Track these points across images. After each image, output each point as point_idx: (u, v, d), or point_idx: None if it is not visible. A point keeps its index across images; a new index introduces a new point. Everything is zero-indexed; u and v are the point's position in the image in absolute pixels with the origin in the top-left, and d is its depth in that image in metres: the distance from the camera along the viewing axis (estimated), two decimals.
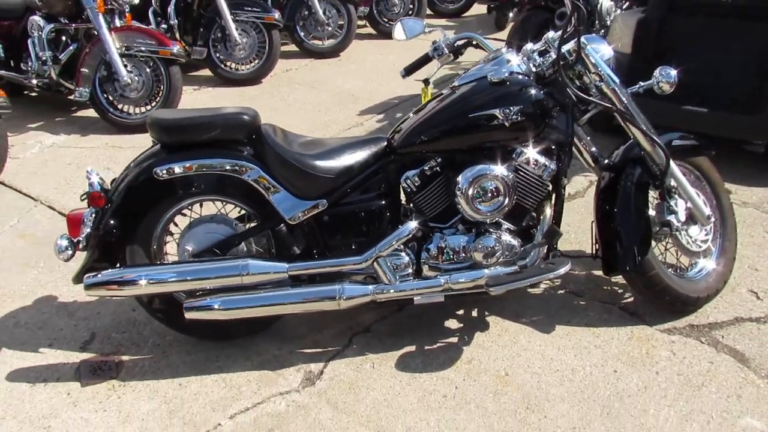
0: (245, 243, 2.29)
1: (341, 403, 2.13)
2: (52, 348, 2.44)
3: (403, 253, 2.25)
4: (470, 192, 2.17)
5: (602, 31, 4.46)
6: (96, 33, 4.39)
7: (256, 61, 5.58)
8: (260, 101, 5.20)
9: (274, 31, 5.53)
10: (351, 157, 2.23)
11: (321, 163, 2.18)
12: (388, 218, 2.27)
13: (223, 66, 5.59)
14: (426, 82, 2.57)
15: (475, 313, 2.54)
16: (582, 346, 2.35)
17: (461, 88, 2.25)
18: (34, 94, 5.14)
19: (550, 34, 2.33)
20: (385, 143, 2.29)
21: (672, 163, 2.33)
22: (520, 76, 2.21)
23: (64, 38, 4.66)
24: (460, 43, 2.51)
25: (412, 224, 2.23)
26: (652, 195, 2.47)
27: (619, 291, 2.64)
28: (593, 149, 2.46)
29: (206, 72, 5.77)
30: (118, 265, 2.25)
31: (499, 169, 2.19)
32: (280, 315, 2.34)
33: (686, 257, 2.51)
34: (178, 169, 2.14)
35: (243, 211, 2.36)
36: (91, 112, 4.77)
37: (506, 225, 2.30)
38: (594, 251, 2.45)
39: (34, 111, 5.02)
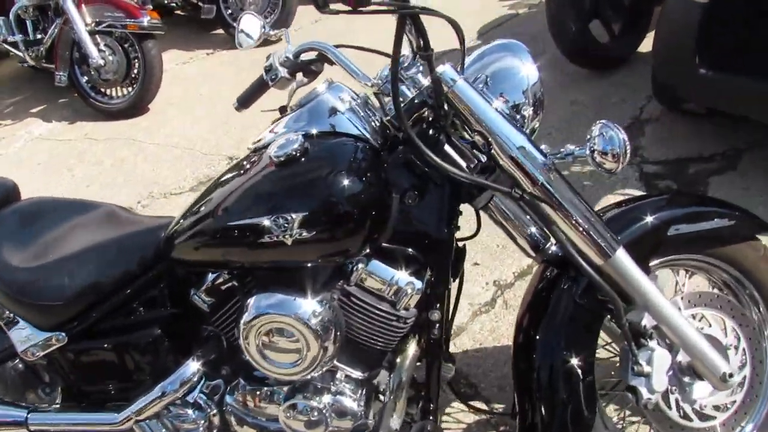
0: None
1: None
2: None
3: (189, 409, 1.49)
4: (253, 339, 1.32)
5: None
6: None
7: (272, 16, 4.76)
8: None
9: None
10: (100, 268, 1.46)
11: (45, 283, 1.45)
12: (166, 353, 1.50)
13: (234, 24, 4.84)
14: (283, 111, 1.66)
15: None
16: None
17: (241, 166, 1.35)
18: None
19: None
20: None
21: (647, 283, 1.26)
22: (333, 144, 1.25)
23: (50, 15, 4.24)
24: (306, 57, 1.54)
25: (192, 367, 1.45)
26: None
27: None
28: (532, 230, 1.42)
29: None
30: None
31: (306, 305, 1.29)
32: None
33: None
34: None
35: None
36: None
37: (346, 371, 1.42)
38: (514, 406, 1.49)
39: (47, 91, 4.74)
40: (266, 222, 1.20)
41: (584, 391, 1.34)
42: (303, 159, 1.22)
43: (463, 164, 1.31)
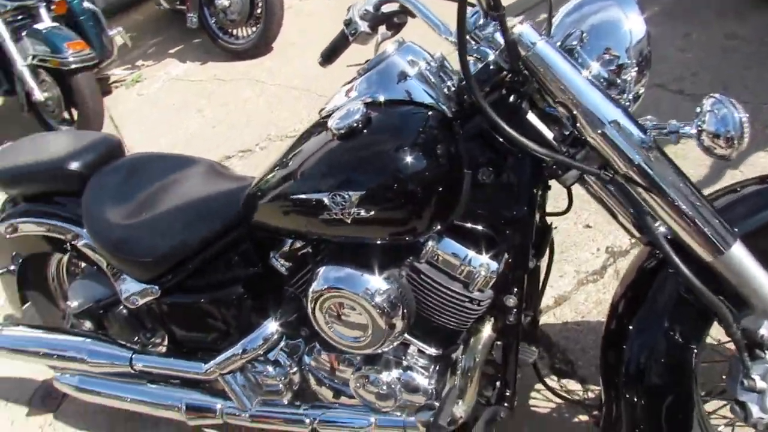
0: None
1: None
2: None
3: (269, 366, 1.54)
4: (320, 310, 1.30)
5: None
6: None
7: None
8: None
9: None
10: (188, 228, 1.51)
11: (138, 240, 1.52)
12: (249, 311, 1.54)
13: None
14: None
15: None
16: None
17: (310, 134, 1.28)
18: None
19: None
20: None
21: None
22: (398, 114, 1.14)
23: None
24: (387, 9, 1.42)
25: (272, 326, 1.49)
26: None
27: None
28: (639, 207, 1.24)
29: None
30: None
31: (373, 282, 1.23)
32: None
33: None
34: (7, 228, 1.75)
35: None
36: None
37: (419, 346, 1.37)
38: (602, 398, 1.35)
39: (182, 33, 4.99)
40: (325, 199, 1.15)
41: (678, 395, 1.18)
42: (365, 131, 1.13)
43: (550, 135, 1.14)
